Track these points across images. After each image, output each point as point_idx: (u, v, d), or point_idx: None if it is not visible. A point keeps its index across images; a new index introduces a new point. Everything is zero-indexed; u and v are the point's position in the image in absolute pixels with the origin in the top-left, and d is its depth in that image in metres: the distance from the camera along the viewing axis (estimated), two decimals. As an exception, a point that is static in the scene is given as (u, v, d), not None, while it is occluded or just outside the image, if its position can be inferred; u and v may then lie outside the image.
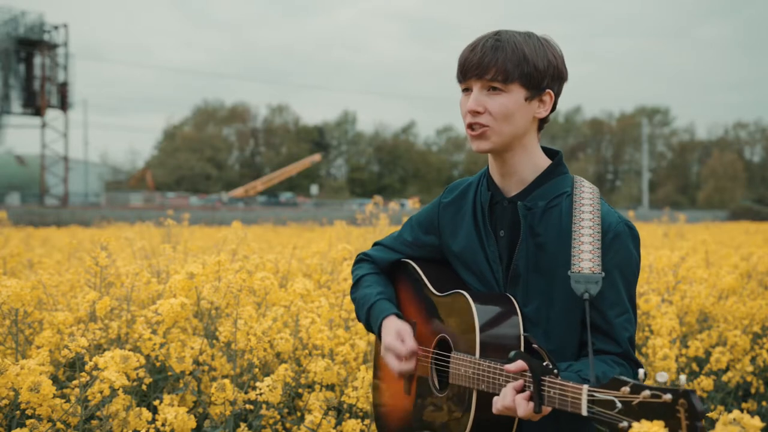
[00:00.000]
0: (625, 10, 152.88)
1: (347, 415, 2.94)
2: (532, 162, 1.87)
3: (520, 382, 1.57)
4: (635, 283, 1.83)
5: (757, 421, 1.23)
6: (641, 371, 1.32)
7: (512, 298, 1.82)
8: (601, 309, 1.75)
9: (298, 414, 3.03)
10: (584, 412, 1.39)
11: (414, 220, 2.14)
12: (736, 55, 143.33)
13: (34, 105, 44.36)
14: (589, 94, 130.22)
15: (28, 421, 2.25)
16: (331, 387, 3.06)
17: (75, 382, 2.31)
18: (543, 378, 1.51)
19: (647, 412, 1.27)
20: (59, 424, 2.26)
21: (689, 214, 24.33)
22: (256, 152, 77.45)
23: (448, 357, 1.85)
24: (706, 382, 3.35)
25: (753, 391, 3.68)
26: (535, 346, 1.58)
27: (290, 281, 3.49)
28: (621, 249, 1.77)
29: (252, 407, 2.71)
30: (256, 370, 2.89)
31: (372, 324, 2.04)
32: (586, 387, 1.40)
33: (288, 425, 2.89)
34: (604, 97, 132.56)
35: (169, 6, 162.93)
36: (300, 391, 3.07)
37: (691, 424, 1.23)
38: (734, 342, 3.57)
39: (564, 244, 1.78)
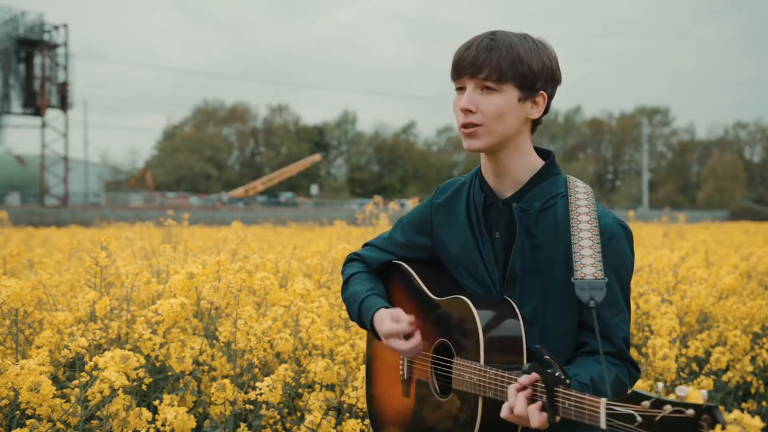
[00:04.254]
0: (625, 10, 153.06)
1: (347, 415, 2.93)
2: (526, 163, 1.86)
3: (530, 390, 1.57)
4: (629, 283, 1.84)
5: (757, 421, 1.23)
6: (660, 385, 1.33)
7: (511, 302, 1.81)
8: (596, 310, 1.74)
9: (298, 414, 3.03)
10: (603, 426, 1.39)
11: (405, 222, 2.12)
12: (736, 55, 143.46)
13: (34, 105, 44.33)
14: (589, 94, 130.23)
15: (28, 421, 2.25)
16: (331, 387, 3.06)
17: (75, 382, 2.31)
18: (557, 389, 1.51)
19: (668, 426, 1.27)
20: (59, 424, 2.26)
21: (689, 214, 24.34)
22: (256, 152, 77.39)
23: (449, 362, 1.84)
24: (706, 382, 3.35)
25: (753, 391, 3.68)
26: (546, 357, 1.56)
27: (290, 281, 3.49)
28: (617, 250, 1.79)
29: (252, 407, 2.71)
30: (256, 370, 2.89)
31: (363, 319, 2.01)
32: (604, 401, 1.40)
33: (288, 425, 2.89)
34: (604, 97, 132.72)
35: (169, 6, 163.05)
36: (300, 391, 3.06)
37: None
38: (734, 342, 3.57)
39: (560, 245, 1.79)
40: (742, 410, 3.70)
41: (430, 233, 2.03)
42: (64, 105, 44.43)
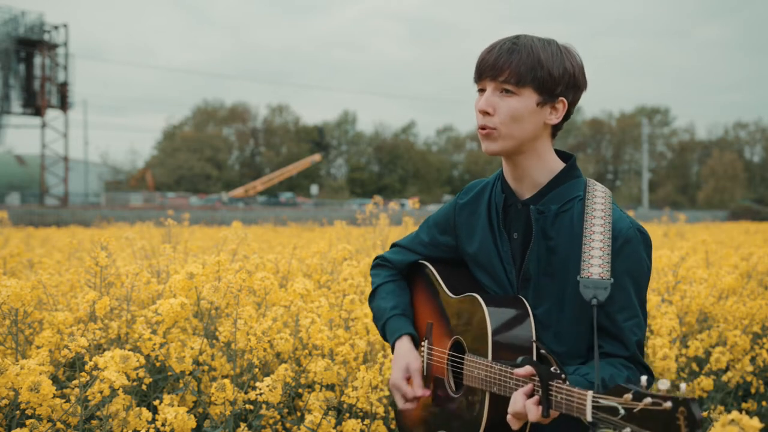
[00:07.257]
0: (625, 10, 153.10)
1: (347, 415, 2.93)
2: (545, 166, 1.87)
3: (530, 386, 1.59)
4: (646, 288, 1.83)
5: (755, 422, 1.23)
6: (643, 378, 1.34)
7: (524, 301, 1.83)
8: (610, 313, 1.75)
9: (298, 414, 3.03)
10: (589, 418, 1.41)
11: (431, 221, 2.14)
12: (736, 55, 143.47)
13: (34, 105, 44.30)
14: (589, 94, 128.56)
15: (28, 421, 2.25)
16: (331, 387, 3.06)
17: (75, 382, 2.31)
18: (551, 383, 1.53)
19: (648, 419, 1.29)
20: (59, 424, 2.26)
21: (689, 214, 24.35)
22: (256, 152, 77.36)
23: (462, 358, 1.87)
24: (706, 382, 3.35)
25: (753, 391, 3.68)
26: (543, 351, 1.58)
27: (290, 281, 3.50)
28: (631, 254, 1.77)
29: (252, 407, 2.71)
30: (256, 370, 2.89)
31: (388, 339, 2.10)
32: (590, 393, 1.42)
33: (288, 425, 2.89)
34: (604, 97, 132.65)
35: (169, 6, 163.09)
36: (300, 391, 3.07)
37: (689, 431, 1.25)
38: (734, 342, 3.56)
39: (575, 248, 1.79)
40: (741, 410, 3.70)
41: (453, 233, 2.06)
42: (64, 105, 44.41)
